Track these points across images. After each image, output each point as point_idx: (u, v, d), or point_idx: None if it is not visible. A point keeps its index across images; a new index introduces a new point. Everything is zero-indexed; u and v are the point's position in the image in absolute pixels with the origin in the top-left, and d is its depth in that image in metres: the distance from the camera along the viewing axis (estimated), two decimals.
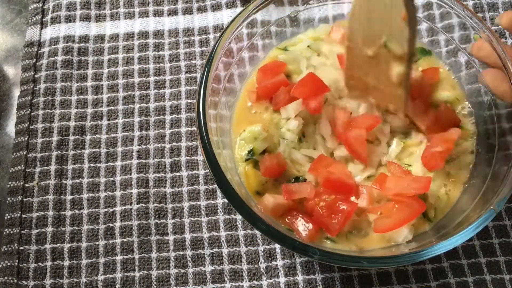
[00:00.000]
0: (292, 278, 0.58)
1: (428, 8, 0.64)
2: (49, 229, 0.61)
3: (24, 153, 0.66)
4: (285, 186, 0.54)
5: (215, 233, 0.60)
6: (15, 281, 0.58)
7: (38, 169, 0.65)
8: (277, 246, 0.59)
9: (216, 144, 0.53)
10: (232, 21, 0.58)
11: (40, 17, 0.75)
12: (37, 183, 0.64)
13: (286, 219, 0.54)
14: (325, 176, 0.54)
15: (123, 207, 0.62)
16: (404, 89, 0.54)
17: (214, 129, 0.55)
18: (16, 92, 0.71)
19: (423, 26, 0.64)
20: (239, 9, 0.75)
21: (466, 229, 0.48)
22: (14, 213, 0.62)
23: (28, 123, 0.67)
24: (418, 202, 0.52)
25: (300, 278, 0.58)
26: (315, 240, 0.53)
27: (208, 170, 0.54)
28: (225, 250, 0.60)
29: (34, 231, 0.61)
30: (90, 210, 0.62)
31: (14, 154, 0.66)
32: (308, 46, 0.63)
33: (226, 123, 0.60)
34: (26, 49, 0.73)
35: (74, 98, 0.69)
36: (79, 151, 0.66)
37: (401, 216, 0.52)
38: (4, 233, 0.61)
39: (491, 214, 0.48)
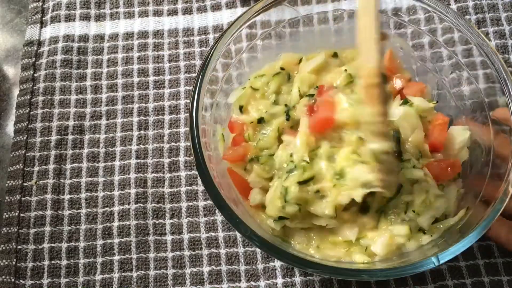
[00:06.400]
0: (289, 280, 0.58)
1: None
2: (47, 228, 0.61)
3: (23, 152, 0.66)
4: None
5: (213, 234, 0.60)
6: (13, 280, 0.58)
7: (36, 168, 0.65)
8: None
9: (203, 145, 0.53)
10: (228, 28, 0.57)
11: (40, 16, 0.75)
12: (35, 182, 0.64)
13: None
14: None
15: (121, 207, 0.62)
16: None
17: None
18: (16, 92, 0.71)
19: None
20: (239, 9, 0.74)
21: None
22: (12, 212, 0.62)
23: (27, 122, 0.67)
24: None
25: (297, 279, 0.57)
26: None
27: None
28: (222, 251, 0.59)
29: (32, 230, 0.61)
30: (88, 209, 0.62)
31: (13, 153, 0.66)
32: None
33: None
34: (25, 48, 0.73)
35: (73, 97, 0.69)
36: (77, 151, 0.66)
37: None
38: (2, 232, 0.61)
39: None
